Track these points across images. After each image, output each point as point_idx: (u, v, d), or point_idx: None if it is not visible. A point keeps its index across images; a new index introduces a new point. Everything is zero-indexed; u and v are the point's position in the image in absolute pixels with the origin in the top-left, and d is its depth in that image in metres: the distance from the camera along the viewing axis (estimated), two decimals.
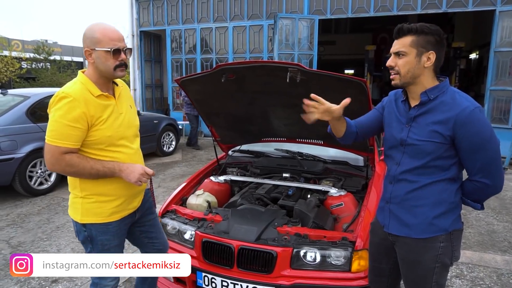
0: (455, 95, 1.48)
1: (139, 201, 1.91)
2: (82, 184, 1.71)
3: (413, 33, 1.48)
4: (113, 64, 1.65)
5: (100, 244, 1.77)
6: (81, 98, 1.59)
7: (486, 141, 1.44)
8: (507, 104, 7.40)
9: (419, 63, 1.49)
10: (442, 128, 1.46)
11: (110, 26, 1.67)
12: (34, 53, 19.93)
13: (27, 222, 4.11)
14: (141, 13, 10.91)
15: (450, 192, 1.53)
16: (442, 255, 1.54)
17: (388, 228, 1.67)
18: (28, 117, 4.94)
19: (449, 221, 1.53)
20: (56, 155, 1.58)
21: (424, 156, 1.51)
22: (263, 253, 2.03)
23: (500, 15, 7.32)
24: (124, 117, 1.78)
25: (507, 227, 3.92)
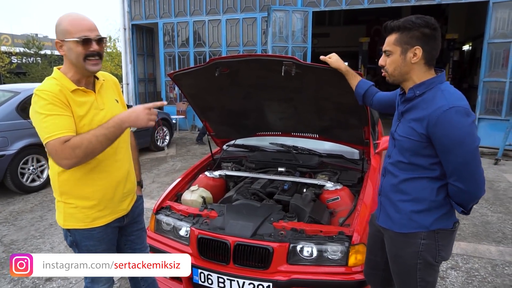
0: (437, 93, 1.43)
1: (128, 204, 1.80)
2: (61, 187, 1.61)
3: (396, 30, 1.47)
4: (82, 54, 1.51)
5: (86, 250, 1.67)
6: (57, 90, 1.49)
7: (456, 144, 1.36)
8: (500, 96, 7.44)
9: (404, 60, 1.47)
10: (418, 126, 1.44)
11: (80, 15, 1.56)
12: (24, 48, 19.63)
13: (20, 220, 4.06)
14: (132, 6, 10.74)
15: (432, 190, 1.49)
16: (423, 252, 1.51)
17: (378, 220, 1.71)
18: (18, 113, 4.86)
19: (431, 219, 1.50)
20: (60, 148, 1.43)
21: (404, 152, 1.52)
22: (259, 249, 2.01)
23: (493, 6, 7.31)
24: (106, 113, 1.62)
25: (501, 218, 3.95)
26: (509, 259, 3.09)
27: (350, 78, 2.04)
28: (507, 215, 4.05)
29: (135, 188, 1.88)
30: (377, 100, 1.97)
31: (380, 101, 1.96)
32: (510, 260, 3.07)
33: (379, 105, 1.97)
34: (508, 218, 3.97)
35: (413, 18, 1.44)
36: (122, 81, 11.36)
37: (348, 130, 2.74)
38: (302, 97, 2.55)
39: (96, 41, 1.53)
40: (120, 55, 14.61)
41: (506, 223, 3.84)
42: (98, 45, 1.54)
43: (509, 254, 3.17)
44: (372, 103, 2.00)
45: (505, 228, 3.72)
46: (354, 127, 2.66)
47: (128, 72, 11.25)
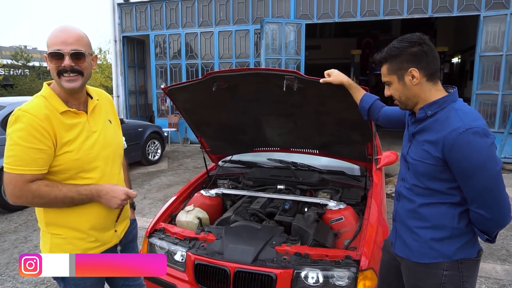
0: (451, 113, 1.33)
1: (122, 231, 1.67)
2: (47, 217, 1.46)
3: (384, 61, 1.44)
4: (54, 70, 1.38)
5: (74, 285, 1.52)
6: (42, 115, 1.34)
7: (477, 168, 1.26)
8: (493, 108, 7.48)
9: (405, 85, 1.41)
10: (432, 149, 1.35)
11: (63, 27, 1.43)
12: (12, 60, 19.34)
13: (2, 241, 3.83)
14: (123, 18, 10.65)
15: (453, 217, 1.37)
16: (447, 284, 1.39)
17: (394, 248, 1.59)
18: (3, 128, 4.66)
19: (453, 247, 1.38)
20: (20, 185, 1.31)
21: (419, 176, 1.42)
22: (262, 276, 1.87)
23: (484, 20, 7.41)
24: (99, 135, 1.51)
25: (503, 234, 3.86)
26: None
27: (354, 92, 1.95)
28: (509, 231, 3.96)
29: (129, 213, 1.74)
30: (384, 115, 1.87)
31: (387, 116, 1.86)
32: None
33: (386, 120, 1.87)
34: (510, 234, 3.88)
35: (395, 43, 1.40)
36: (113, 94, 11.19)
37: (350, 146, 2.63)
38: (303, 112, 2.45)
39: (70, 55, 1.38)
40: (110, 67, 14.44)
41: (508, 239, 3.75)
42: (71, 60, 1.38)
43: None
44: (378, 118, 1.90)
45: (509, 245, 3.63)
46: (357, 143, 2.56)
47: (119, 84, 11.09)
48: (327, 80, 1.93)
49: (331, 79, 1.92)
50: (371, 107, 1.89)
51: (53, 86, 1.47)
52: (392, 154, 3.07)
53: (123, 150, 1.70)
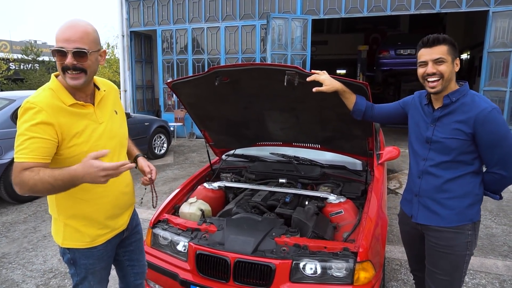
0: (475, 98, 1.66)
1: (127, 218, 1.75)
2: (59, 205, 1.53)
3: (447, 43, 1.65)
4: (59, 66, 1.41)
5: (84, 268, 1.61)
6: (49, 107, 1.37)
7: (503, 138, 1.60)
8: (501, 104, 7.41)
9: (453, 69, 1.67)
10: (464, 126, 1.64)
11: (70, 22, 1.43)
12: (22, 54, 19.58)
13: (12, 231, 3.94)
14: (131, 13, 10.72)
15: (475, 185, 1.70)
16: (470, 242, 1.71)
17: (416, 219, 1.83)
18: (13, 121, 4.76)
19: (474, 211, 1.71)
20: (16, 173, 1.32)
21: (450, 151, 1.68)
22: (261, 266, 1.92)
23: (493, 16, 7.32)
24: (105, 126, 1.55)
25: (505, 231, 3.87)
26: None
27: (347, 98, 2.04)
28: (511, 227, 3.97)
29: (133, 200, 1.81)
30: (378, 113, 2.06)
31: (382, 113, 2.06)
32: None
33: (382, 117, 2.07)
34: None
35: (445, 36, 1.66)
36: (120, 88, 11.30)
37: (351, 141, 2.66)
38: (305, 107, 2.48)
39: (72, 53, 1.39)
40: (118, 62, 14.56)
41: (511, 235, 3.75)
42: (74, 58, 1.39)
43: None
44: (373, 117, 2.07)
45: (511, 241, 3.63)
46: (358, 137, 2.58)
47: (126, 79, 11.19)
48: (320, 89, 1.96)
49: (324, 89, 1.96)
50: (366, 107, 2.03)
51: (60, 78, 1.49)
52: (394, 149, 3.08)
53: (127, 140, 1.75)
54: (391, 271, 3.05)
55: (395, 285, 2.85)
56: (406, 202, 1.93)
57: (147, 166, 1.80)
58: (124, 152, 1.71)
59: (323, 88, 1.96)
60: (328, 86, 1.96)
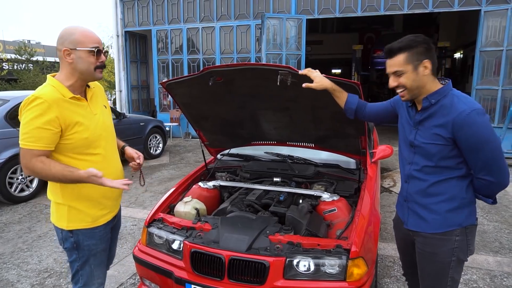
0: (454, 99, 1.55)
1: (119, 202, 1.98)
2: (63, 189, 1.71)
3: (404, 50, 1.56)
4: (94, 64, 1.67)
5: (87, 250, 1.78)
6: (53, 100, 1.58)
7: (484, 142, 1.49)
8: (493, 103, 7.51)
9: (417, 75, 1.57)
10: (443, 131, 1.55)
11: (88, 29, 1.69)
12: (15, 54, 19.43)
13: (7, 231, 3.94)
14: (125, 13, 10.70)
15: (461, 188, 1.61)
16: (457, 248, 1.63)
17: (407, 225, 1.79)
18: (7, 122, 4.75)
19: (463, 216, 1.62)
20: (28, 158, 1.57)
21: (431, 157, 1.62)
22: (255, 264, 1.94)
23: (485, 15, 7.41)
24: (99, 118, 1.78)
25: (497, 227, 3.93)
26: (508, 269, 3.05)
27: (338, 96, 2.02)
28: (503, 223, 4.03)
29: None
30: (370, 112, 2.02)
31: (373, 112, 2.01)
32: (508, 271, 3.04)
33: (374, 116, 2.03)
34: (504, 227, 3.95)
35: (412, 37, 1.57)
36: (115, 88, 11.26)
37: (345, 140, 2.69)
38: (298, 106, 2.51)
39: (103, 53, 1.70)
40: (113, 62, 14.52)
41: (502, 232, 3.81)
42: (104, 57, 1.71)
43: (507, 265, 3.13)
44: (364, 116, 2.03)
45: (502, 237, 3.69)
46: (351, 136, 2.62)
47: (121, 79, 11.17)
48: (310, 86, 1.94)
49: (313, 85, 1.93)
50: (358, 106, 2.00)
51: (59, 77, 1.69)
52: (388, 148, 3.11)
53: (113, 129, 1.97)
54: (384, 268, 3.09)
55: (388, 282, 2.89)
56: (399, 206, 1.89)
57: (135, 152, 2.01)
58: (114, 141, 1.94)
59: (312, 85, 1.93)
60: (318, 84, 1.93)
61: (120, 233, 3.83)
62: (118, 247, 3.53)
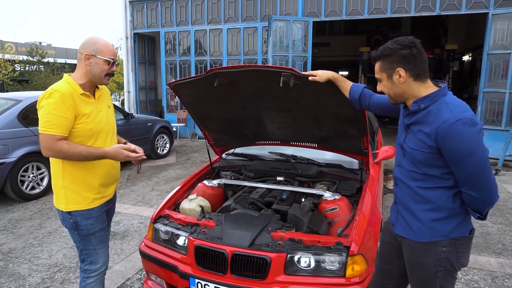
0: (442, 106, 1.46)
1: (113, 190, 2.18)
2: (65, 173, 1.93)
3: (378, 59, 1.57)
4: (105, 71, 1.96)
5: (85, 229, 1.99)
6: (68, 93, 1.85)
7: (466, 155, 1.39)
8: (500, 106, 7.46)
9: (393, 83, 1.55)
10: (427, 139, 1.48)
11: (107, 41, 2.00)
12: (27, 56, 19.78)
13: (19, 227, 4.05)
14: (135, 15, 10.86)
15: (448, 199, 1.52)
16: (444, 259, 1.55)
17: (395, 229, 1.73)
18: (19, 121, 4.88)
19: (450, 226, 1.53)
20: (50, 142, 1.81)
21: (417, 163, 1.55)
22: (257, 259, 2.00)
23: (493, 18, 7.38)
24: (103, 114, 2.06)
25: (501, 229, 3.93)
26: (509, 271, 3.06)
27: (341, 85, 2.06)
28: (507, 226, 4.03)
29: (119, 177, 2.25)
30: (374, 103, 2.00)
31: (378, 103, 1.99)
32: (510, 272, 3.05)
33: (377, 108, 2.00)
34: (508, 229, 3.95)
35: (389, 44, 1.53)
36: (124, 89, 11.42)
37: (347, 140, 2.74)
38: (301, 107, 2.56)
39: (116, 65, 2.00)
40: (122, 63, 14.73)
41: (506, 234, 3.82)
42: (116, 67, 2.01)
43: (509, 266, 3.14)
44: (369, 106, 2.02)
45: (505, 239, 3.69)
46: (353, 137, 2.66)
47: (130, 80, 11.32)
48: (314, 79, 2.05)
49: (317, 78, 2.05)
50: (361, 96, 2.01)
51: (74, 76, 1.96)
52: (390, 149, 3.15)
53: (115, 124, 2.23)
54: None
55: None
56: (392, 208, 1.82)
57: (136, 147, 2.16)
58: (115, 137, 2.19)
59: (316, 78, 2.05)
60: (320, 75, 2.04)
61: (126, 230, 3.93)
62: (125, 244, 3.62)
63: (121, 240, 3.69)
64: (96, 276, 2.10)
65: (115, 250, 3.46)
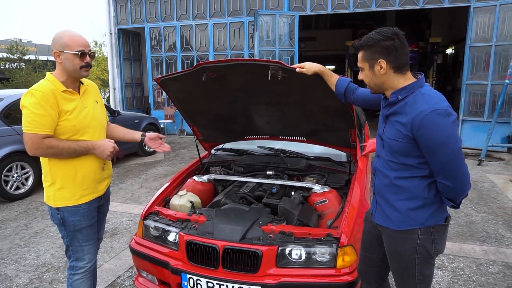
0: (418, 97, 1.50)
1: (105, 186, 2.16)
2: (53, 170, 1.94)
3: (361, 48, 1.59)
4: (79, 64, 1.91)
5: (72, 225, 1.99)
6: (50, 91, 1.84)
7: (440, 145, 1.43)
8: (483, 98, 7.63)
9: (374, 74, 1.59)
10: (404, 129, 1.52)
11: (77, 32, 1.93)
12: (7, 53, 19.25)
13: (4, 228, 3.97)
14: (118, 10, 10.67)
15: (423, 188, 1.57)
16: (421, 247, 1.59)
17: (374, 218, 1.77)
18: (1, 120, 4.76)
19: (425, 215, 1.58)
20: (37, 141, 1.81)
21: (394, 153, 1.60)
22: (248, 253, 2.01)
23: (474, 11, 7.51)
24: (89, 110, 2.03)
25: (485, 218, 4.04)
26: (493, 258, 3.16)
27: (328, 79, 2.09)
28: (491, 214, 4.14)
29: (111, 172, 2.24)
30: (358, 97, 2.03)
31: (362, 97, 2.02)
32: (494, 259, 3.14)
33: (361, 101, 2.04)
34: (492, 217, 4.06)
35: (373, 34, 1.55)
36: (109, 86, 11.24)
37: (335, 133, 2.76)
38: (289, 100, 2.57)
39: (89, 54, 1.93)
40: (106, 60, 14.48)
41: (489, 222, 3.92)
42: (90, 58, 1.94)
43: (493, 253, 3.24)
44: (354, 100, 2.05)
45: (489, 227, 3.80)
46: (341, 129, 2.69)
47: (115, 76, 11.15)
48: (302, 71, 2.07)
49: (305, 71, 2.06)
50: (346, 90, 2.03)
51: (55, 74, 1.94)
52: None
53: (106, 123, 2.23)
54: None
55: None
56: (372, 199, 1.86)
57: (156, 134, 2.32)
58: (104, 132, 2.16)
59: (303, 70, 2.06)
60: (307, 68, 2.06)
61: (116, 228, 3.89)
62: (115, 242, 3.59)
63: (111, 238, 3.66)
64: (83, 273, 2.09)
65: (105, 248, 3.42)
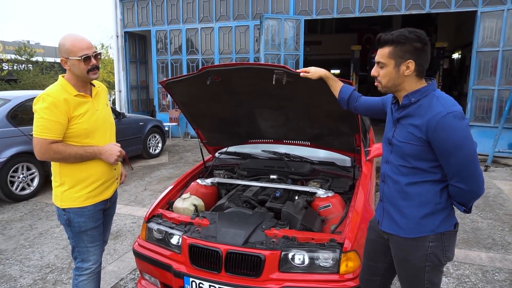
0: (433, 100, 1.49)
1: (113, 191, 2.18)
2: (62, 172, 1.98)
3: (390, 44, 1.51)
4: (85, 69, 1.92)
5: (77, 226, 2.02)
6: (61, 97, 1.86)
7: (457, 147, 1.43)
8: (489, 103, 7.57)
9: (398, 73, 1.53)
10: (418, 131, 1.50)
11: (78, 36, 1.93)
12: (15, 55, 19.46)
13: (9, 229, 4.00)
14: (125, 13, 10.76)
15: (435, 193, 1.54)
16: (431, 254, 1.57)
17: (381, 226, 1.73)
18: (9, 121, 4.81)
19: (436, 222, 1.55)
20: (44, 146, 1.85)
21: (405, 156, 1.56)
22: (251, 257, 2.00)
23: (481, 16, 7.47)
24: (100, 113, 2.07)
25: (491, 224, 3.99)
26: (499, 265, 3.12)
27: (332, 84, 2.07)
28: (497, 221, 4.09)
29: (119, 175, 2.25)
30: (361, 105, 2.01)
31: (365, 106, 2.00)
32: (500, 266, 3.10)
33: (364, 110, 2.02)
34: (498, 224, 4.01)
35: (406, 32, 1.49)
36: (115, 88, 11.32)
37: (339, 138, 2.76)
38: (293, 105, 2.57)
39: (94, 56, 1.93)
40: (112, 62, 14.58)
41: (496, 229, 3.88)
42: (95, 59, 1.94)
43: (499, 261, 3.20)
44: (356, 108, 2.03)
45: (495, 234, 3.75)
46: (345, 134, 2.68)
47: (121, 79, 11.22)
48: (306, 75, 2.06)
49: (309, 75, 2.05)
50: (350, 97, 2.02)
51: (67, 77, 1.97)
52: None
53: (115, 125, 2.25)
54: None
55: None
56: (377, 206, 1.82)
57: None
58: (114, 134, 2.19)
59: (308, 75, 2.05)
60: (312, 72, 2.04)
61: (119, 230, 3.90)
62: (118, 244, 3.59)
63: (114, 240, 3.66)
64: (88, 275, 2.11)
65: (108, 250, 3.43)
